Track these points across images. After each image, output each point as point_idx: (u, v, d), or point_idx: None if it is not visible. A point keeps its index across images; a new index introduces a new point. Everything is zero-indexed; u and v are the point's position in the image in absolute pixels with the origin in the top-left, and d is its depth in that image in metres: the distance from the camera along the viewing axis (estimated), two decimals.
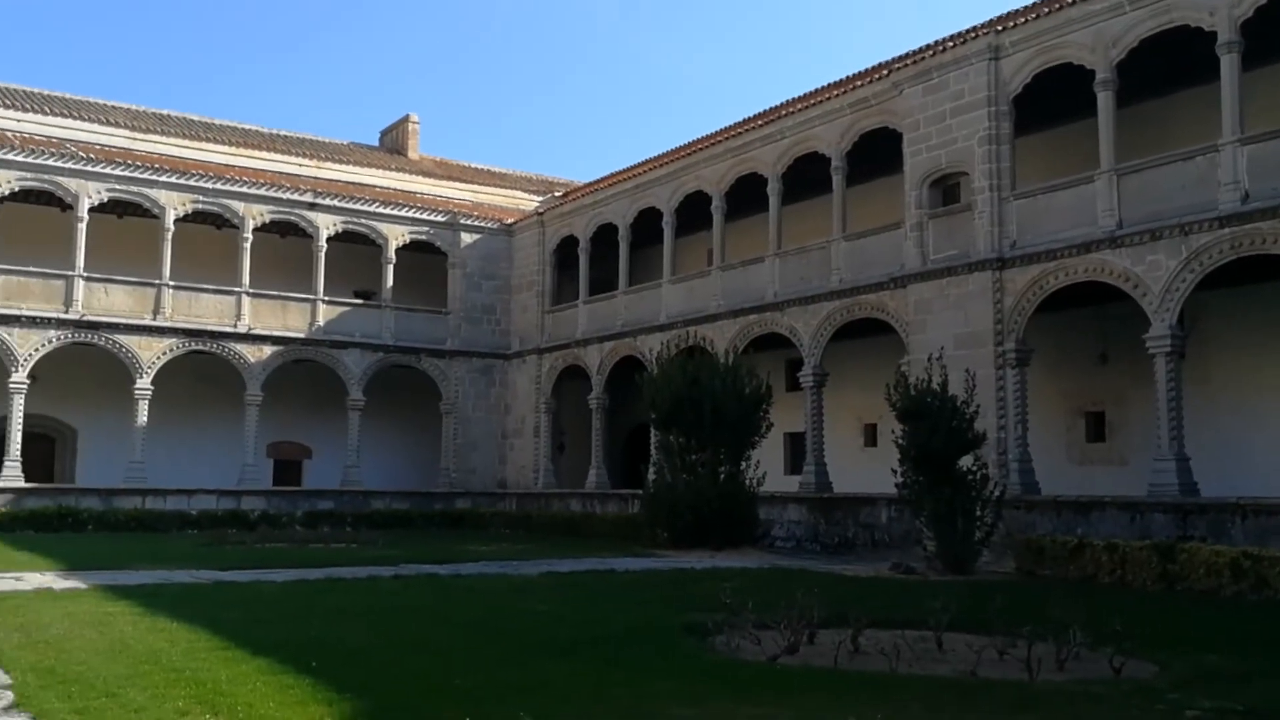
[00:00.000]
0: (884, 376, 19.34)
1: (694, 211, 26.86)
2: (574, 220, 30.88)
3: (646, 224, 28.38)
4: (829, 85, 26.30)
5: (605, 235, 29.75)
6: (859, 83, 23.25)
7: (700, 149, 27.08)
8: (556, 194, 34.59)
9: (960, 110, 20.07)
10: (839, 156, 22.81)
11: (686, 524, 21.33)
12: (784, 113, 25.04)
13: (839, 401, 24.08)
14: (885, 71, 22.30)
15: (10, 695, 7.02)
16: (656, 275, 28.19)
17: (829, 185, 23.11)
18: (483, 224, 32.71)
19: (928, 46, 22.52)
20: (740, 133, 25.86)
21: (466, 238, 32.22)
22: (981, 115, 19.66)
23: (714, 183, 25.99)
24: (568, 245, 31.23)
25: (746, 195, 25.33)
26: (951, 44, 20.53)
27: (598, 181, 32.67)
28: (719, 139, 26.83)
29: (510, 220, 33.25)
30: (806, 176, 23.91)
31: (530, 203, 35.76)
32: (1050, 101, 19.84)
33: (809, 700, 7.29)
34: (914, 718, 6.92)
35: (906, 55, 23.21)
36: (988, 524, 17.15)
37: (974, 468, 17.13)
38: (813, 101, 24.26)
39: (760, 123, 25.58)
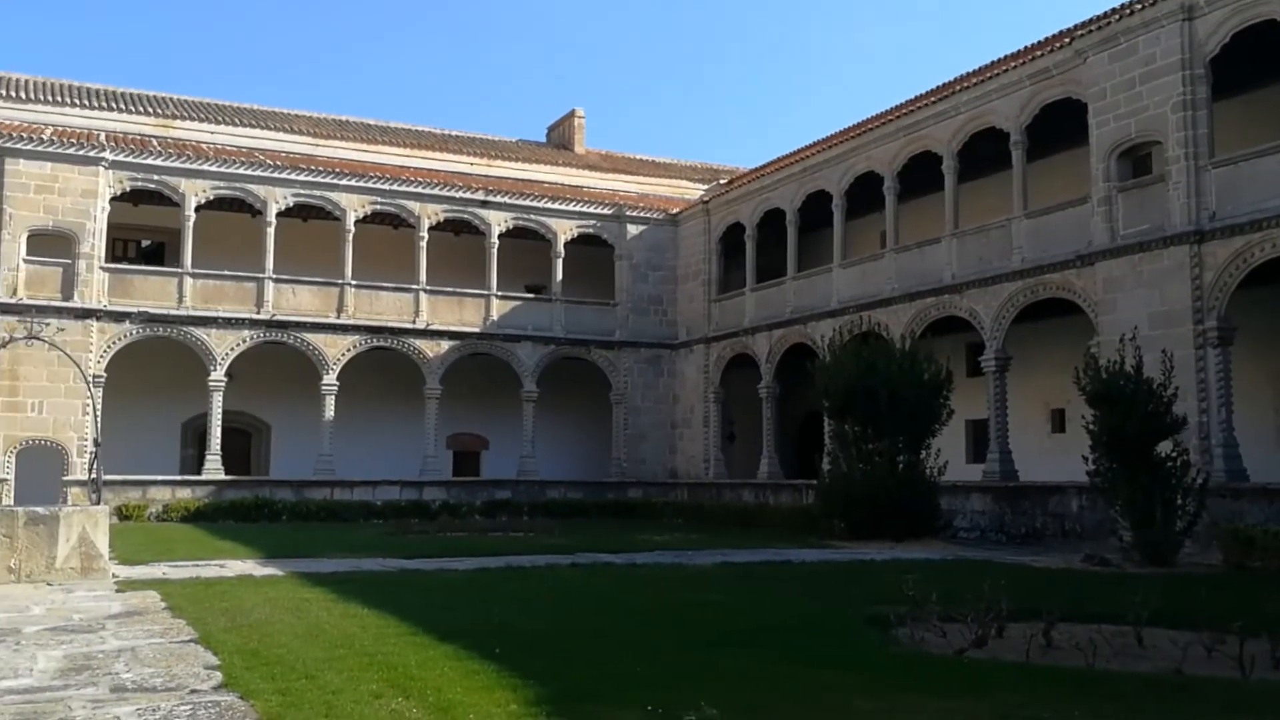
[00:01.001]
0: (1071, 359, 18.45)
1: (864, 193, 26.24)
2: (740, 207, 30.61)
3: (814, 208, 27.89)
4: (1006, 57, 25.25)
5: (772, 221, 29.39)
6: (1038, 53, 22.22)
7: (870, 129, 26.41)
8: (721, 182, 34.37)
9: (1151, 76, 18.92)
10: (1018, 130, 21.88)
11: (864, 515, 20.86)
12: (958, 88, 24.16)
13: (1023, 386, 23.13)
14: (1067, 39, 21.22)
15: (219, 675, 7.33)
16: (826, 260, 27.68)
17: (1007, 161, 22.19)
18: (648, 215, 32.79)
19: (1113, 10, 21.31)
20: (912, 110, 25.09)
21: (633, 229, 32.37)
22: (1175, 80, 18.47)
23: (885, 162, 25.31)
24: (734, 233, 30.99)
25: (920, 174, 24.58)
26: (1139, 6, 19.35)
27: (763, 167, 32.30)
28: (890, 118, 26.10)
29: (676, 210, 33.23)
30: (983, 153, 23.04)
31: (695, 192, 35.66)
32: (1249, 63, 18.50)
33: (1000, 696, 6.93)
34: (1114, 716, 6.47)
35: (1090, 21, 22.03)
36: (1190, 513, 16.14)
37: (1173, 454, 16.15)
38: (989, 74, 23.32)
39: (933, 99, 24.75)
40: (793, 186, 28.54)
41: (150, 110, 31.98)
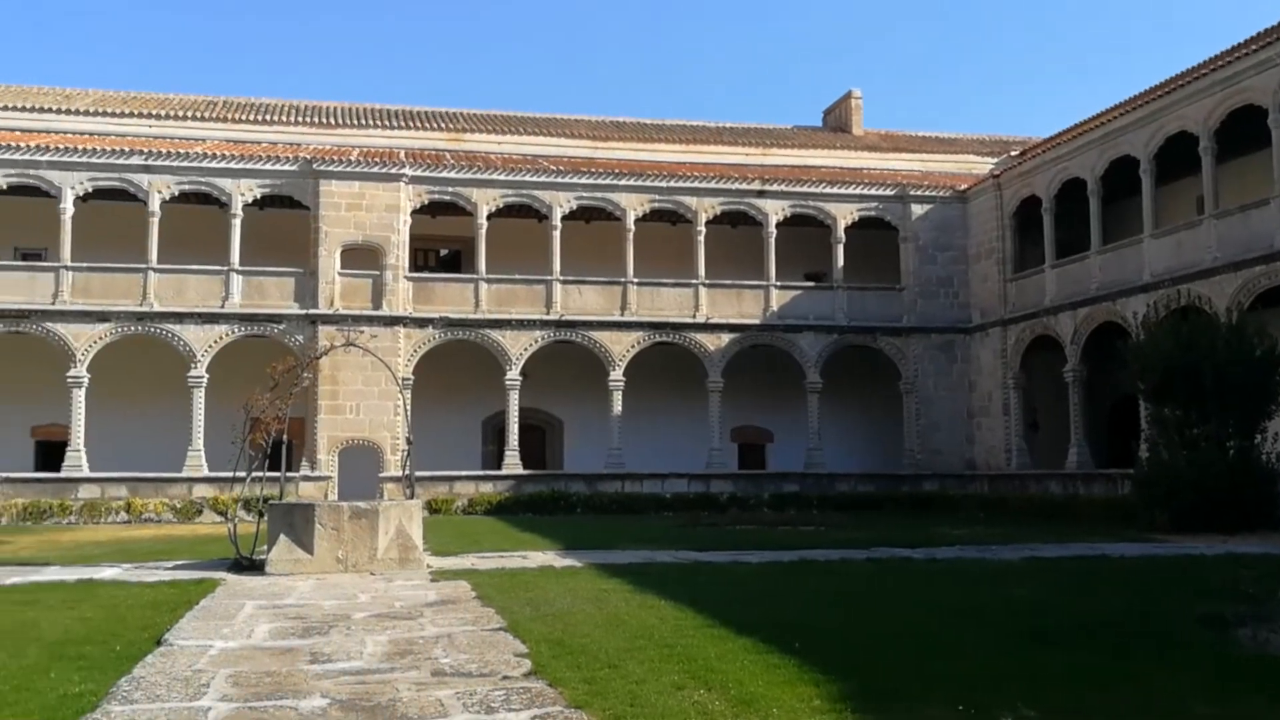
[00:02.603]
0: None
1: (1174, 156, 24.06)
2: (1034, 179, 28.83)
3: (1118, 175, 25.86)
4: None
5: (1069, 192, 27.49)
6: None
7: (1181, 85, 24.15)
8: (1013, 154, 32.55)
9: None
10: None
11: (1189, 505, 19.09)
12: None
13: None
14: None
15: (528, 663, 7.49)
16: (1133, 230, 25.60)
17: None
18: (933, 193, 31.49)
19: None
20: (1229, 61, 22.76)
21: (917, 209, 31.19)
22: None
23: (1200, 120, 23.08)
24: (1028, 207, 29.22)
25: (1240, 131, 22.25)
26: None
27: (1059, 135, 30.29)
28: (1203, 71, 23.80)
29: (963, 186, 31.75)
30: None
31: (983, 166, 33.98)
32: None
33: None
34: None
35: None
36: None
37: None
38: None
39: (1255, 46, 22.34)
40: (1093, 154, 26.59)
41: (442, 126, 33.87)
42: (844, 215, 30.77)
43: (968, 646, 8.13)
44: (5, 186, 26.57)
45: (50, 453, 27.37)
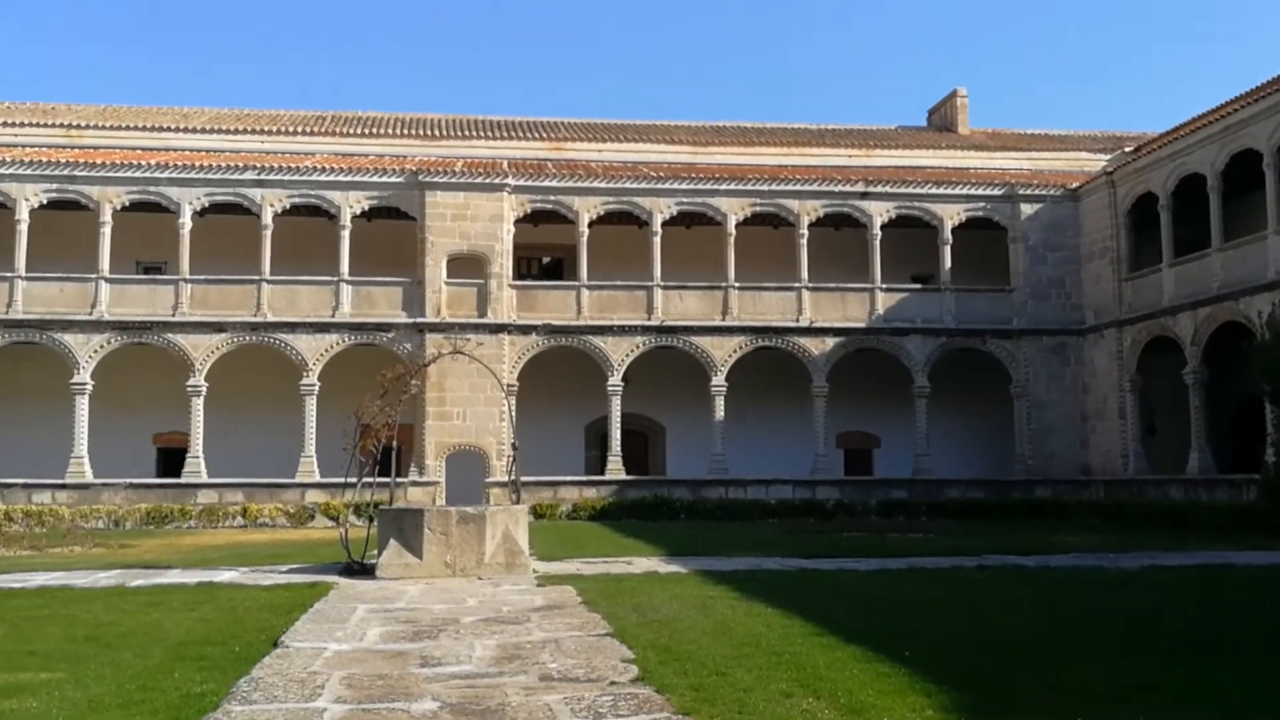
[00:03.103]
0: None
1: None
2: (1150, 176, 27.87)
3: (1238, 170, 24.85)
4: None
5: (1187, 188, 26.49)
6: None
7: None
8: (1126, 150, 31.55)
9: None
10: None
11: None
12: None
13: None
14: None
15: (635, 669, 7.48)
16: (1255, 227, 24.56)
17: None
18: (1043, 192, 30.68)
19: None
20: None
21: (1026, 209, 30.42)
22: None
23: None
24: (1144, 204, 28.24)
25: None
26: None
27: (1176, 129, 29.25)
28: None
29: (1074, 184, 30.87)
30: None
31: (1095, 163, 33.01)
32: None
33: None
34: None
35: None
36: None
37: None
38: None
39: None
40: (1214, 148, 25.59)
41: (544, 135, 34.22)
42: (951, 216, 30.18)
43: (1086, 657, 7.92)
44: (128, 203, 27.65)
45: (171, 459, 28.38)
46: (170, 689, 7.00)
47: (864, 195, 30.01)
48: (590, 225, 29.06)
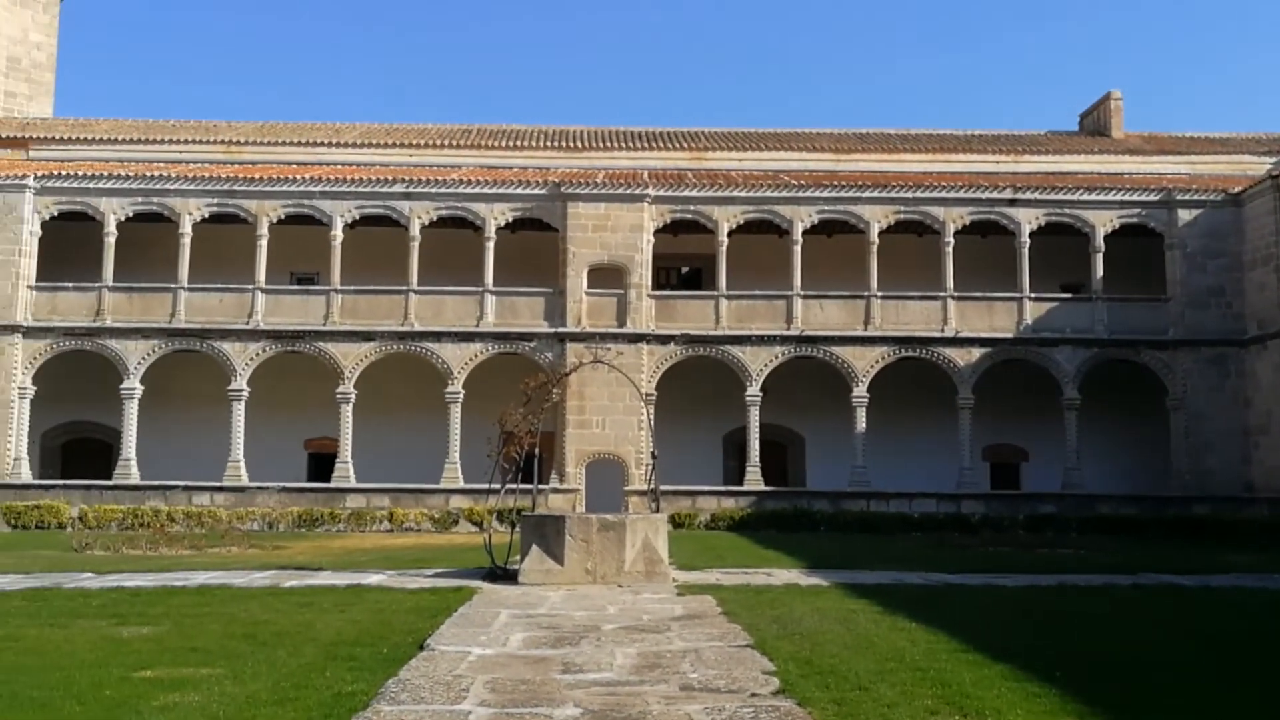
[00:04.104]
0: None
1: None
2: None
3: None
4: None
5: None
6: None
7: None
8: None
9: None
10: None
11: None
12: None
13: None
14: None
15: (776, 681, 7.41)
16: None
17: None
18: (1203, 197, 29.25)
19: None
20: None
21: (1184, 214, 29.06)
22: None
23: None
24: None
25: None
26: None
27: None
28: None
29: (1236, 189, 29.35)
30: None
31: (1260, 166, 31.36)
32: None
33: None
34: None
35: None
36: None
37: None
38: None
39: None
40: None
41: (684, 145, 34.28)
42: (1103, 223, 29.06)
43: (1249, 683, 7.57)
44: (283, 216, 28.80)
45: (321, 464, 29.39)
46: (322, 687, 7.22)
47: (1012, 202, 29.14)
48: (730, 235, 28.98)
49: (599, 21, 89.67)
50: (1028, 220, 29.00)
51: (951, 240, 28.98)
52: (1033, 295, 28.95)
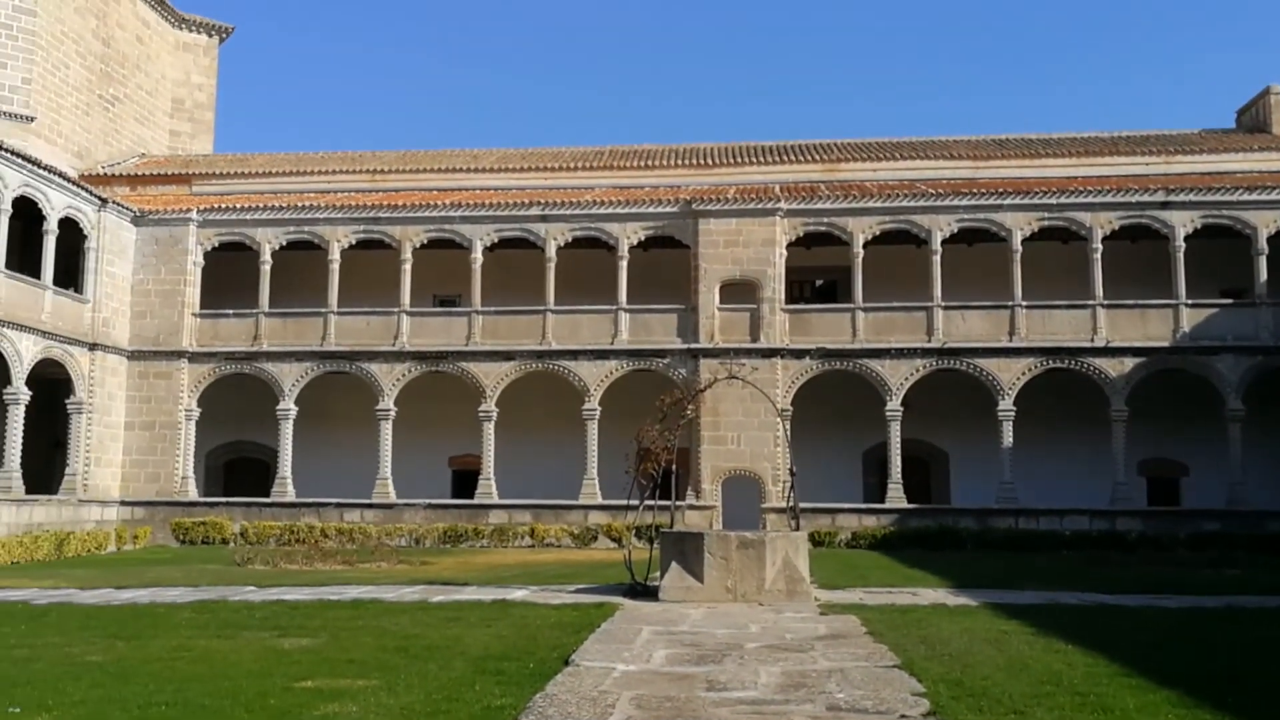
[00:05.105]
0: None
1: None
2: None
3: None
4: None
5: None
6: None
7: None
8: None
9: None
10: None
11: None
12: None
13: None
14: None
15: (925, 703, 7.25)
16: None
17: None
18: None
19: None
20: None
21: None
22: None
23: None
24: None
25: None
26: None
27: None
28: None
29: None
30: None
31: None
32: None
33: None
34: None
35: None
36: None
37: None
38: None
39: None
40: None
41: (816, 157, 33.99)
42: (1266, 224, 27.57)
43: None
44: (426, 241, 29.62)
45: (464, 481, 30.03)
46: (472, 700, 7.36)
47: (1165, 205, 27.93)
48: (865, 246, 28.54)
49: (729, 39, 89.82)
50: (1182, 223, 27.75)
51: (1100, 246, 27.92)
52: (1189, 302, 27.65)
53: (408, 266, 29.42)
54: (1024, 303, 27.97)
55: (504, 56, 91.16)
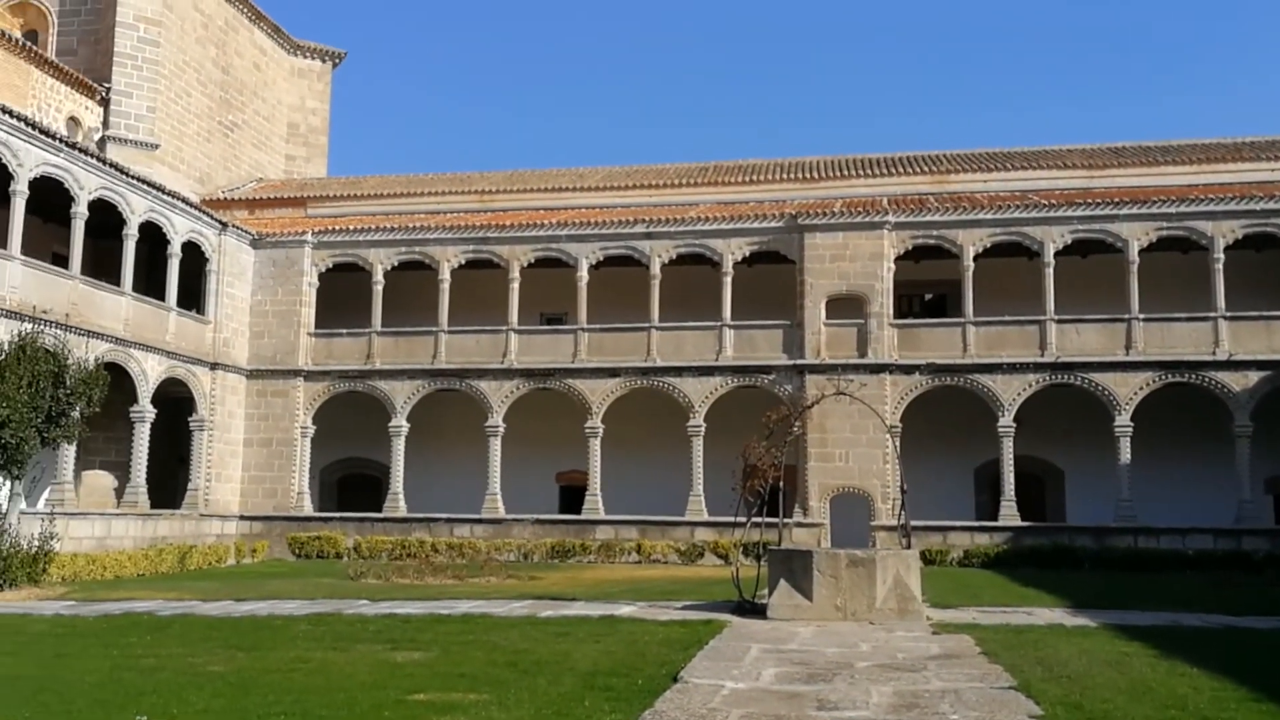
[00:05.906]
0: None
1: None
2: None
3: None
4: None
5: None
6: None
7: None
8: None
9: None
10: None
11: None
12: None
13: None
14: None
15: None
16: None
17: None
18: None
19: None
20: None
21: None
22: None
23: None
24: None
25: None
26: None
27: None
28: None
29: None
30: None
31: None
32: None
33: None
34: None
35: None
36: None
37: None
38: None
39: None
40: None
41: (925, 169, 33.48)
42: None
43: None
44: (533, 260, 30.03)
45: (571, 496, 30.29)
46: (582, 716, 7.41)
47: None
48: (975, 259, 28.01)
49: (833, 53, 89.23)
50: None
51: (1221, 256, 26.93)
52: None
53: (515, 285, 29.85)
54: (1141, 315, 27.12)
55: (608, 74, 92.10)
